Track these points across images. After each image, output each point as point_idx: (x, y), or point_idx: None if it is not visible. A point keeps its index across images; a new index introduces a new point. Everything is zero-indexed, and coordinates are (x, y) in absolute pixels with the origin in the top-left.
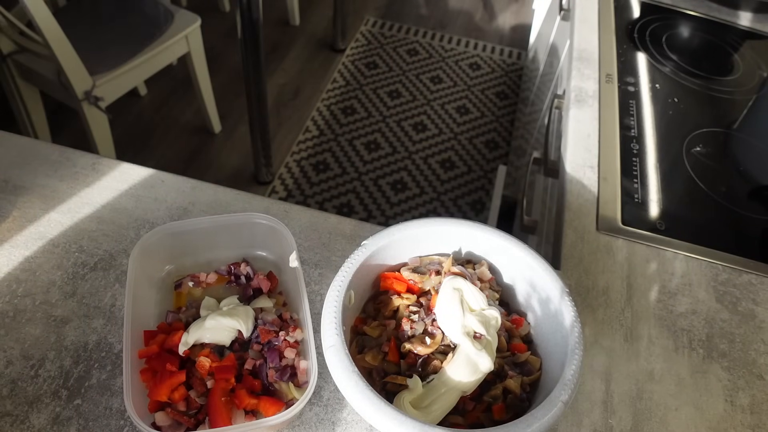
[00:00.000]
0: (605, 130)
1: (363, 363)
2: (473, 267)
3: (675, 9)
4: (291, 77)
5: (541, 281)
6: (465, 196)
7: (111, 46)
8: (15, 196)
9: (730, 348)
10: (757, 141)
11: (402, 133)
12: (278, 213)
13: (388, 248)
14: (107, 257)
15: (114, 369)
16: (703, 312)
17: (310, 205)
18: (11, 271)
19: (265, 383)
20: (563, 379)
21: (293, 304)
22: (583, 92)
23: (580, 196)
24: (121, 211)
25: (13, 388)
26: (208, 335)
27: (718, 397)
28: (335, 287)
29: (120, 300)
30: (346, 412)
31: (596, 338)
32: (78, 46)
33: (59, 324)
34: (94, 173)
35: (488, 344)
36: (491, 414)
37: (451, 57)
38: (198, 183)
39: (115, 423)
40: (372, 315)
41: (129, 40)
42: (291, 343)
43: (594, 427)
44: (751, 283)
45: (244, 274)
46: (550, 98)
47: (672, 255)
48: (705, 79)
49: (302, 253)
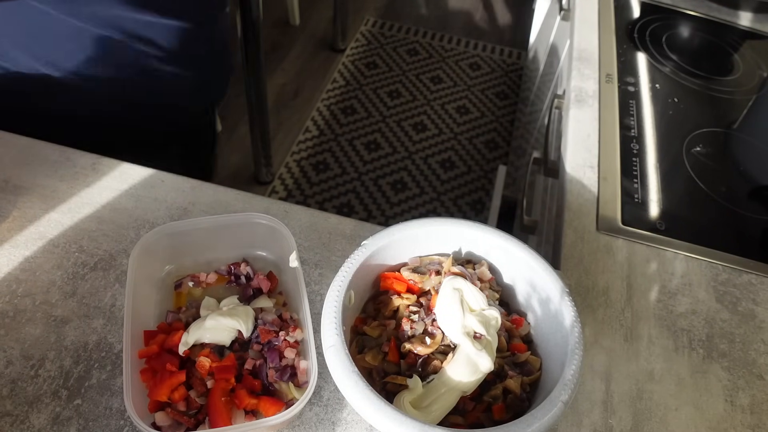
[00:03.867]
0: (605, 130)
1: (363, 363)
2: (473, 267)
3: (675, 9)
4: (291, 77)
5: (541, 281)
6: (465, 196)
7: None
8: (15, 196)
9: (730, 348)
10: (757, 141)
11: (402, 133)
12: (278, 213)
13: (388, 248)
14: (107, 257)
15: (114, 369)
16: (703, 312)
17: (310, 205)
18: (11, 271)
19: (265, 383)
20: (563, 379)
21: (293, 304)
22: (583, 92)
23: (580, 196)
24: (121, 211)
25: (13, 388)
26: (208, 335)
27: (718, 397)
28: (335, 287)
29: (120, 300)
30: (346, 412)
31: (596, 338)
32: None
33: (59, 324)
34: (94, 173)
35: (488, 344)
36: (491, 414)
37: (451, 57)
38: (198, 183)
39: (115, 423)
40: (372, 315)
41: None
42: (291, 343)
43: (594, 427)
44: (751, 283)
45: (244, 274)
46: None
47: (672, 255)
48: (705, 79)
49: (302, 253)
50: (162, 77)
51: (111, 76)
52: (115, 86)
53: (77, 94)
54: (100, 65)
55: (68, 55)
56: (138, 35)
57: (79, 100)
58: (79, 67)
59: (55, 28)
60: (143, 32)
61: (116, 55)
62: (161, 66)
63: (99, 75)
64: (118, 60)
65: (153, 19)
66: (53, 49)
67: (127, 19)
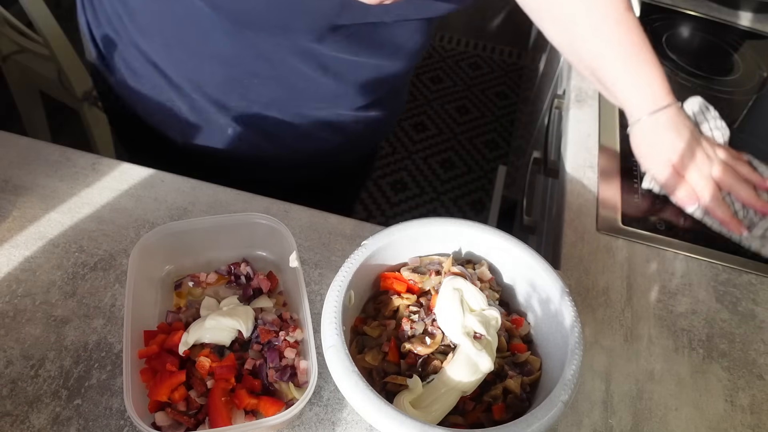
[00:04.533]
0: (605, 130)
1: (363, 363)
2: (473, 267)
3: (675, 9)
4: None
5: (541, 281)
6: (465, 196)
7: None
8: (15, 196)
9: (730, 348)
10: (757, 141)
11: (402, 133)
12: (278, 213)
13: (388, 248)
14: (107, 257)
15: (114, 369)
16: (703, 312)
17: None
18: (11, 271)
19: (265, 383)
20: (563, 379)
21: (293, 304)
22: (583, 92)
23: (580, 196)
24: (121, 211)
25: (13, 388)
26: (208, 335)
27: (718, 397)
28: (335, 287)
29: (120, 300)
30: (346, 412)
31: (596, 338)
32: (78, 46)
33: (59, 324)
34: (94, 173)
35: (488, 344)
36: (491, 414)
37: (451, 57)
38: (198, 183)
39: (115, 423)
40: (372, 315)
41: None
42: (291, 343)
43: (594, 427)
44: (751, 283)
45: (244, 274)
46: (550, 98)
47: (672, 255)
48: (705, 79)
49: (302, 253)
50: (365, 120)
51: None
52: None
53: (266, 135)
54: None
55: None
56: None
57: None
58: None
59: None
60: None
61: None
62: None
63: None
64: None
65: (374, 61)
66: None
67: (347, 61)
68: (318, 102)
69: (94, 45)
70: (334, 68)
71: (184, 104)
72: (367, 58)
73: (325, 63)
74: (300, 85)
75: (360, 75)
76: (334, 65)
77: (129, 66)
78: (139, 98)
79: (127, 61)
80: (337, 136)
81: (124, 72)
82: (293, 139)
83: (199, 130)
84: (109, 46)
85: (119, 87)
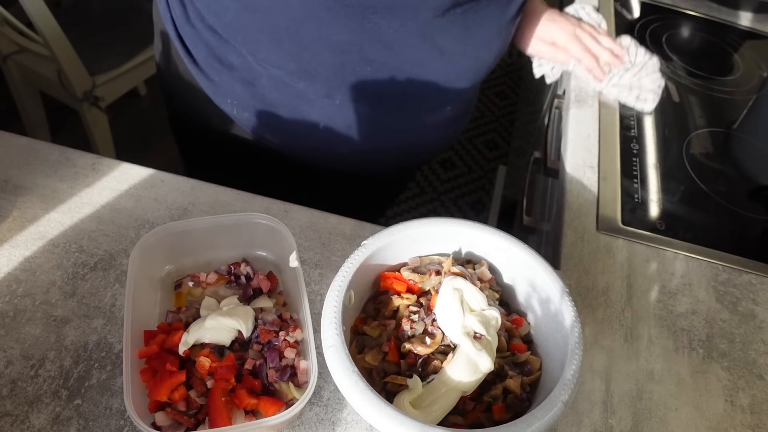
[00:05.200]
0: (605, 130)
1: (363, 363)
2: (473, 267)
3: (675, 9)
4: None
5: (541, 281)
6: (465, 196)
7: (111, 46)
8: (15, 196)
9: (730, 348)
10: (757, 141)
11: None
12: (278, 213)
13: (388, 248)
14: (107, 257)
15: (114, 369)
16: (703, 312)
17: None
18: (11, 271)
19: (265, 383)
20: (563, 379)
21: (293, 304)
22: (583, 92)
23: (580, 196)
24: (121, 211)
25: (13, 388)
26: (208, 335)
27: (718, 397)
28: (335, 287)
29: (120, 300)
30: (346, 412)
31: (596, 338)
32: (78, 46)
33: (59, 324)
34: (94, 173)
35: (488, 344)
36: (491, 414)
37: None
38: (198, 183)
39: (115, 423)
40: (372, 315)
41: (129, 39)
42: (291, 343)
43: (594, 427)
44: (751, 283)
45: (244, 274)
46: (550, 98)
47: (672, 255)
48: (705, 79)
49: (302, 253)
50: (452, 117)
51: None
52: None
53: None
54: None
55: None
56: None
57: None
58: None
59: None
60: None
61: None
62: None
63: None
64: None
65: (472, 50)
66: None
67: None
68: (423, 90)
69: (184, 50)
70: (449, 51)
71: (283, 98)
72: (471, 45)
73: (441, 45)
74: (413, 71)
75: (464, 63)
76: (448, 47)
77: (227, 63)
78: (234, 97)
79: (223, 59)
80: (425, 133)
81: (215, 74)
82: (384, 134)
83: (295, 125)
84: (200, 45)
85: (206, 90)
